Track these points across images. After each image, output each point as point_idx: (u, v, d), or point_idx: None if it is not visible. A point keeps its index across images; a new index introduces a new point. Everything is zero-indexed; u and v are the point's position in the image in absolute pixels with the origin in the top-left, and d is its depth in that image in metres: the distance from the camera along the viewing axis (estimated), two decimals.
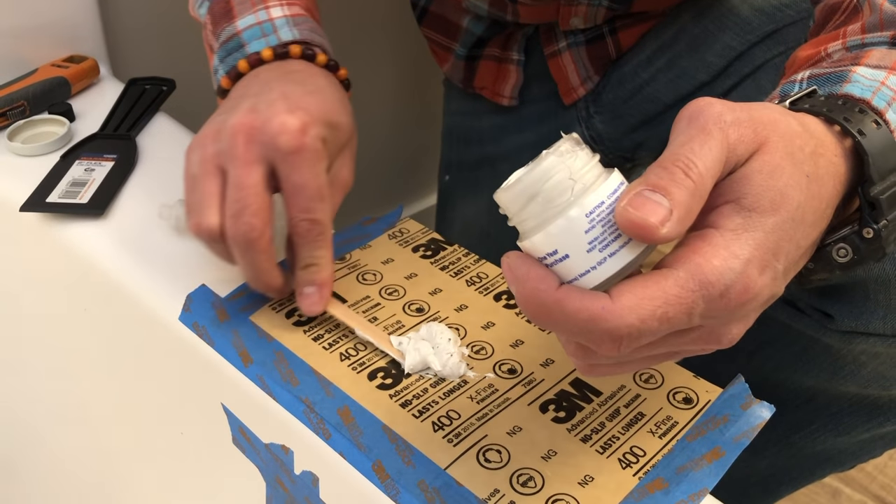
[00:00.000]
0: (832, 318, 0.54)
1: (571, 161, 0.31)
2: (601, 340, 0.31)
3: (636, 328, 0.30)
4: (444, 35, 0.85)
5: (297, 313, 0.49)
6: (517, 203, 0.32)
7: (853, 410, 0.63)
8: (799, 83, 0.41)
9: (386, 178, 1.24)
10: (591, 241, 0.31)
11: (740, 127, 0.33)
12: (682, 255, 0.32)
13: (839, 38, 0.44)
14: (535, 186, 0.31)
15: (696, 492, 0.39)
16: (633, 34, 0.77)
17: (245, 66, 0.53)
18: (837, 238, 0.38)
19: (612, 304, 0.30)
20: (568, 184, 0.31)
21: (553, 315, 0.31)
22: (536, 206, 0.31)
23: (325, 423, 0.43)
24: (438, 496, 0.39)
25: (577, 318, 0.30)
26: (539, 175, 0.31)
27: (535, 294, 0.31)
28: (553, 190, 0.31)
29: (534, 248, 0.32)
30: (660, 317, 0.30)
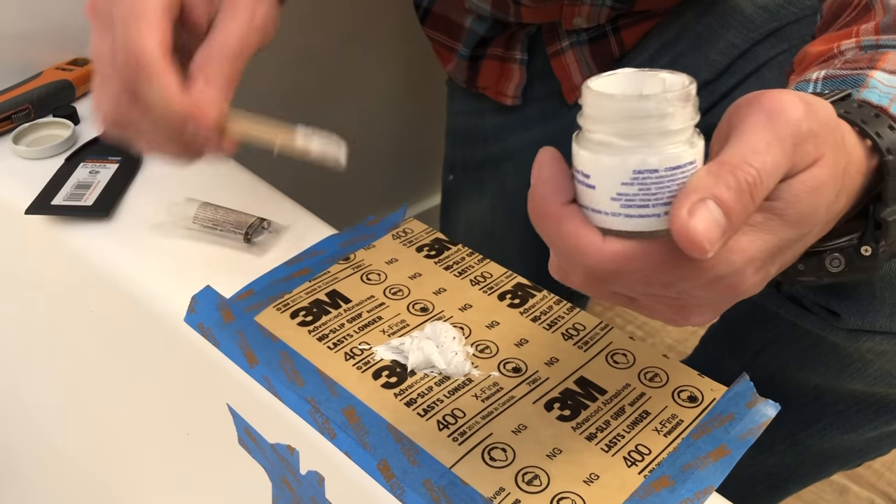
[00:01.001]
0: (838, 316, 0.54)
1: (674, 108, 0.30)
2: (575, 270, 0.32)
3: (612, 274, 0.31)
4: (447, 35, 0.85)
5: (301, 313, 0.49)
6: (603, 110, 0.31)
7: (860, 408, 0.63)
8: (813, 83, 0.41)
9: (389, 178, 1.24)
10: (622, 193, 0.31)
11: (808, 143, 0.32)
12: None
13: (852, 35, 0.44)
14: (630, 112, 0.30)
15: (702, 490, 0.39)
16: (636, 33, 0.77)
17: None
18: (834, 247, 0.38)
19: (602, 244, 0.31)
20: (648, 128, 0.30)
21: (548, 225, 0.32)
22: (609, 126, 0.30)
23: (330, 423, 0.43)
24: (444, 495, 0.39)
25: (565, 240, 0.31)
26: (642, 108, 0.30)
27: (542, 199, 0.31)
28: (633, 127, 0.30)
29: (576, 157, 0.32)
30: (639, 278, 0.31)
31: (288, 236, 0.56)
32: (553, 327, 0.49)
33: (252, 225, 0.55)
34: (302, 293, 0.51)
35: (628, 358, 0.47)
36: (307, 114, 1.09)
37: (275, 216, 0.57)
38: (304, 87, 1.04)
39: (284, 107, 1.04)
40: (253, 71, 1.05)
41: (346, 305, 0.50)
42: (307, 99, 1.06)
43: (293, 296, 0.51)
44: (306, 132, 0.44)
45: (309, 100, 1.06)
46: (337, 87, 1.07)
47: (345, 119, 1.11)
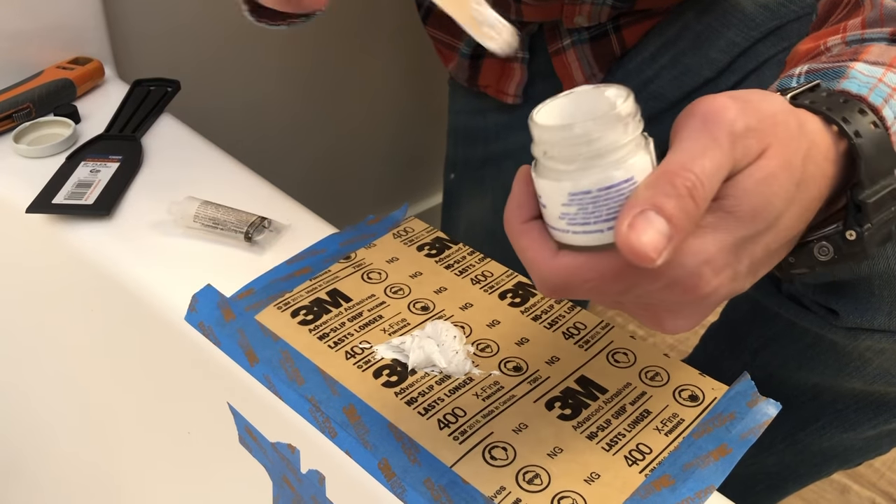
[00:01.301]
0: (837, 314, 0.54)
1: (601, 131, 0.31)
2: (535, 279, 0.34)
3: (563, 285, 0.33)
4: (449, 34, 0.85)
5: (302, 312, 0.49)
6: (540, 138, 0.33)
7: (859, 407, 0.63)
8: (797, 77, 0.41)
9: (391, 176, 1.24)
10: (565, 213, 0.32)
11: (747, 138, 0.33)
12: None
13: (839, 32, 0.44)
14: (560, 140, 0.32)
15: (703, 489, 0.39)
16: (636, 31, 0.77)
17: None
18: (820, 236, 0.38)
19: (552, 260, 0.33)
20: (578, 153, 0.31)
21: (512, 240, 0.35)
22: (548, 152, 0.32)
23: (330, 422, 0.43)
24: (444, 494, 0.39)
25: (523, 254, 0.34)
26: (569, 136, 0.31)
27: (508, 216, 0.35)
28: (565, 153, 0.32)
29: (535, 180, 0.34)
30: (589, 289, 0.33)
31: (288, 235, 0.56)
32: (554, 326, 0.49)
33: (253, 224, 0.55)
34: (302, 292, 0.51)
35: (629, 357, 0.47)
36: (308, 111, 1.10)
37: (275, 215, 0.57)
38: (305, 85, 1.04)
39: (285, 104, 1.04)
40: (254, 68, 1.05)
41: (347, 304, 0.50)
42: (308, 97, 1.06)
43: (294, 295, 0.51)
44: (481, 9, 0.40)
45: (310, 98, 1.06)
46: (338, 85, 1.07)
47: (346, 117, 1.11)
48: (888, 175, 0.37)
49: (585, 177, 0.31)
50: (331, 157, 1.12)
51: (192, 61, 0.88)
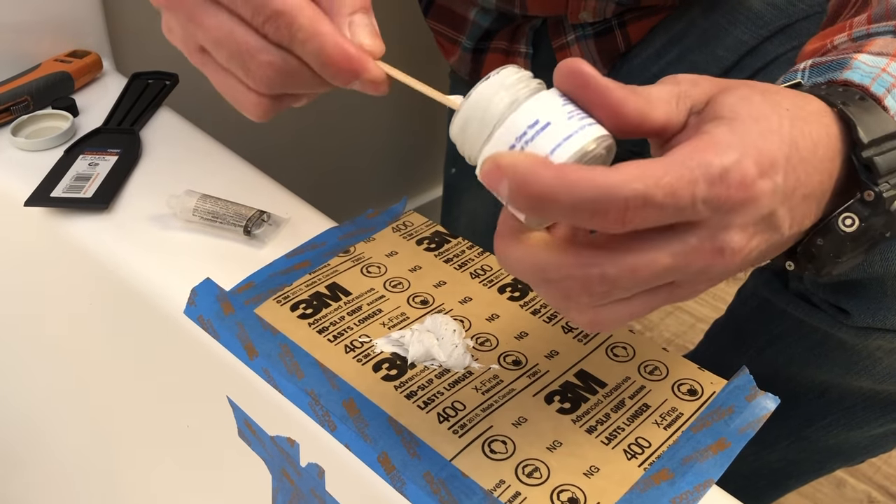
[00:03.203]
0: (848, 313, 0.53)
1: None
2: (607, 211, 0.29)
3: (642, 196, 0.29)
4: (451, 27, 0.85)
5: (302, 306, 0.49)
6: (473, 123, 0.34)
7: (867, 405, 0.63)
8: (801, 72, 0.41)
9: (390, 171, 1.24)
10: (570, 111, 0.32)
11: (698, 79, 0.33)
12: (677, 147, 0.31)
13: (845, 30, 0.44)
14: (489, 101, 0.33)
15: (702, 482, 0.39)
16: (642, 27, 0.77)
17: None
18: (842, 209, 0.37)
19: (617, 173, 0.29)
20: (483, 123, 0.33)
21: (555, 192, 0.29)
22: (494, 111, 0.33)
23: (330, 416, 0.43)
24: (444, 487, 0.39)
25: (581, 190, 0.29)
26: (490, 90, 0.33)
27: (533, 174, 0.29)
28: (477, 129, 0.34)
29: (507, 133, 0.32)
30: (664, 186, 0.29)
31: (288, 229, 0.56)
32: (553, 320, 0.49)
33: (252, 217, 0.55)
34: (302, 286, 0.51)
35: (628, 351, 0.47)
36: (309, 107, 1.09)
37: (274, 209, 0.57)
38: None
39: None
40: None
41: (346, 298, 0.50)
42: None
43: (293, 288, 0.51)
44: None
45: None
46: None
47: (346, 111, 1.11)
48: (893, 138, 0.36)
49: (499, 136, 0.33)
50: (330, 151, 1.12)
51: None
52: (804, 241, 0.37)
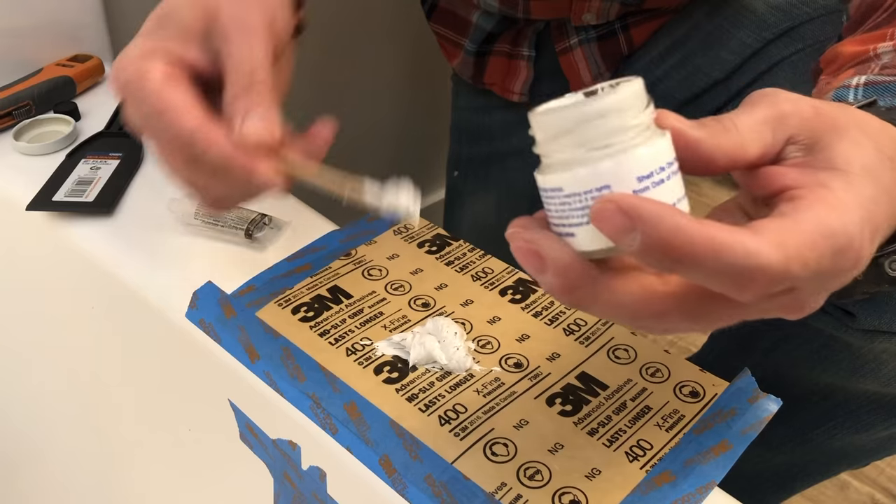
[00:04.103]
0: (853, 316, 0.53)
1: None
2: (750, 281, 0.27)
3: (784, 268, 0.26)
4: (454, 30, 0.85)
5: (303, 309, 0.49)
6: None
7: (872, 408, 0.63)
8: (854, 89, 0.40)
9: (392, 173, 1.24)
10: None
11: (798, 103, 0.31)
12: (801, 205, 0.28)
13: (887, 38, 0.42)
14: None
15: (704, 485, 0.39)
16: (645, 30, 0.77)
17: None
18: (892, 250, 0.36)
19: (762, 238, 0.26)
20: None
21: (700, 253, 0.26)
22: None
23: (331, 419, 0.43)
24: (446, 490, 0.39)
25: (730, 255, 0.26)
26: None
27: (678, 231, 0.26)
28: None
29: (636, 165, 0.28)
30: (800, 259, 0.27)
31: (289, 232, 0.56)
32: (554, 323, 0.49)
33: (253, 220, 0.55)
34: (303, 289, 0.51)
35: (630, 353, 0.47)
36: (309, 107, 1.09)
37: (276, 212, 0.57)
38: (306, 80, 1.04)
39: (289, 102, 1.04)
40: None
41: (348, 301, 0.50)
42: (309, 92, 1.05)
43: (294, 291, 0.51)
44: (373, 187, 0.41)
45: (311, 93, 1.06)
46: (340, 80, 1.07)
47: (348, 113, 1.11)
48: None
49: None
50: (332, 154, 1.12)
51: None
52: None
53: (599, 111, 0.27)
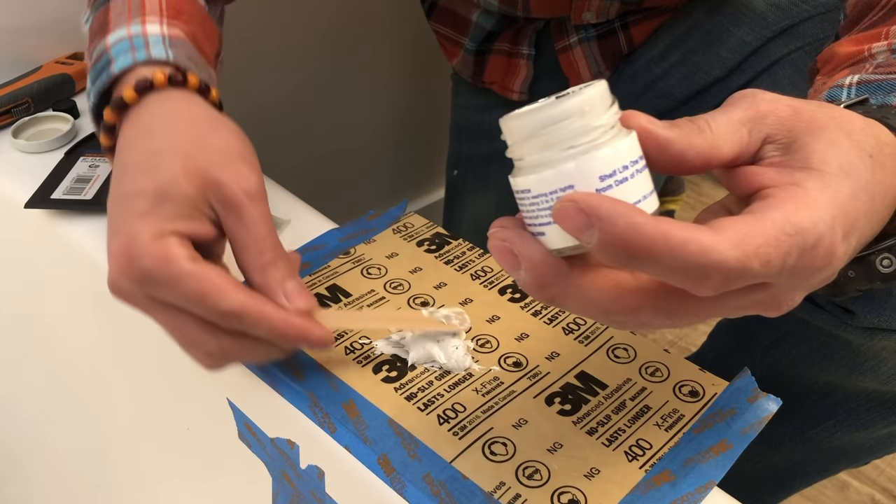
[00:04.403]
0: (853, 314, 0.53)
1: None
2: (706, 277, 0.28)
3: (742, 265, 0.27)
4: (454, 29, 0.85)
5: None
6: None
7: (872, 406, 0.63)
8: (847, 88, 0.40)
9: (391, 172, 1.24)
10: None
11: (776, 102, 0.31)
12: (771, 203, 0.29)
13: (881, 37, 0.43)
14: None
15: (703, 484, 0.39)
16: (645, 29, 0.77)
17: (111, 116, 0.45)
18: (882, 248, 0.36)
19: (718, 235, 0.27)
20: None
21: (655, 250, 0.27)
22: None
23: (330, 417, 0.43)
24: (444, 489, 0.39)
25: (684, 251, 0.27)
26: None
27: (632, 229, 0.27)
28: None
29: (600, 164, 0.29)
30: (761, 256, 0.28)
31: (288, 230, 0.56)
32: (554, 322, 0.49)
33: None
34: None
35: (629, 352, 0.47)
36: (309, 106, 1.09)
37: (275, 210, 0.57)
38: (306, 79, 1.04)
39: (285, 98, 1.04)
40: (255, 62, 1.05)
41: (347, 299, 0.50)
42: (309, 91, 1.05)
43: None
44: (430, 317, 0.45)
45: (311, 92, 1.06)
46: (339, 79, 1.07)
47: (347, 112, 1.11)
48: None
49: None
50: (331, 152, 1.12)
51: None
52: None
53: (562, 114, 0.29)
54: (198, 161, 0.41)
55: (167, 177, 0.40)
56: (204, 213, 0.41)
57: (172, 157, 0.41)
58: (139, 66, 0.46)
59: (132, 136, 0.43)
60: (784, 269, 0.29)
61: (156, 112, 0.44)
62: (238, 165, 0.42)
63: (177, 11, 0.49)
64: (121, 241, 0.39)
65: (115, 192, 0.41)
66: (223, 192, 0.41)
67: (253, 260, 0.41)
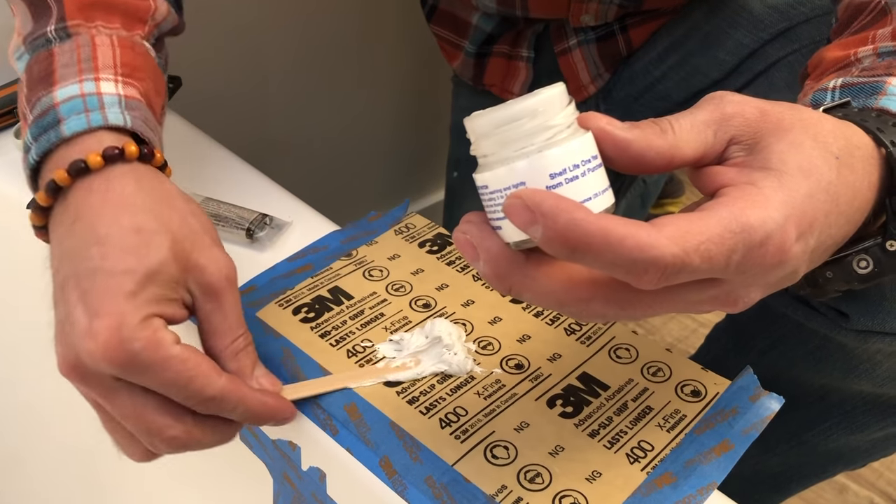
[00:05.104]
0: (847, 317, 0.53)
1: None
2: (643, 271, 0.28)
3: (679, 260, 0.28)
4: (454, 32, 0.85)
5: (304, 310, 0.49)
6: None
7: (867, 409, 0.63)
8: (831, 92, 0.40)
9: (392, 174, 1.24)
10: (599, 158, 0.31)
11: (744, 105, 0.32)
12: (722, 201, 0.30)
13: (868, 42, 0.43)
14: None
15: (705, 486, 0.39)
16: (644, 31, 0.77)
17: (64, 177, 0.42)
18: (859, 249, 0.37)
19: (658, 232, 0.28)
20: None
21: (594, 245, 0.28)
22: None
23: (332, 420, 0.43)
24: (446, 492, 0.39)
25: (621, 247, 0.28)
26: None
27: (573, 225, 0.28)
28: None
29: (551, 163, 0.30)
30: (702, 252, 0.28)
31: (290, 232, 0.56)
32: (555, 323, 0.49)
33: (254, 220, 0.55)
34: (304, 289, 0.51)
35: (631, 353, 0.47)
36: (310, 108, 1.09)
37: (277, 212, 0.57)
38: (307, 82, 1.04)
39: (287, 100, 1.04)
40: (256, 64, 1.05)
41: (349, 302, 0.50)
42: (311, 93, 1.05)
43: (295, 292, 0.51)
44: (386, 367, 0.46)
45: (313, 94, 1.06)
46: (342, 82, 1.07)
47: (348, 114, 1.11)
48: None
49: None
50: (333, 154, 1.12)
51: (194, 57, 0.88)
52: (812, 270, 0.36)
53: (516, 114, 0.30)
54: (184, 244, 0.40)
55: (158, 259, 0.39)
56: (181, 297, 0.41)
57: (162, 237, 0.40)
58: (94, 130, 0.43)
59: (99, 206, 0.41)
60: (730, 266, 0.29)
61: (128, 184, 0.42)
62: (214, 249, 0.42)
63: (131, 68, 0.47)
64: (108, 321, 0.37)
65: (94, 267, 0.38)
66: (205, 278, 0.41)
67: (227, 346, 0.41)
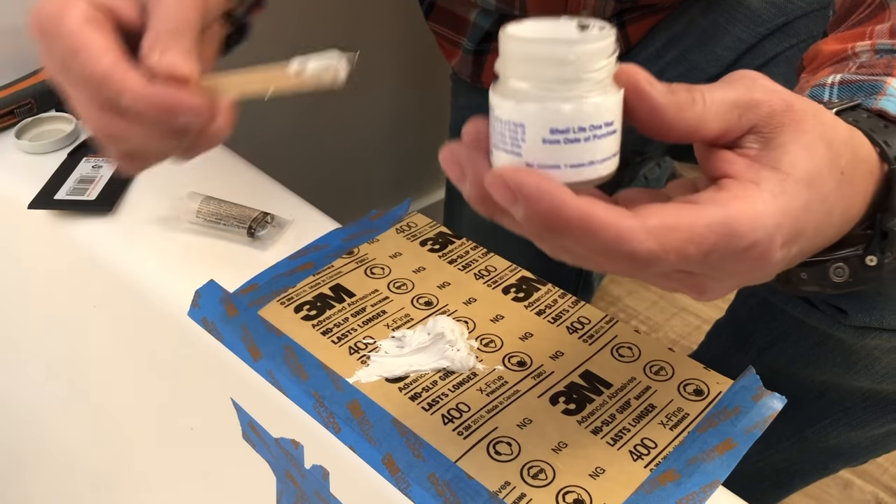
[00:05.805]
0: (846, 313, 0.53)
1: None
2: (617, 259, 0.29)
3: (654, 256, 0.28)
4: (452, 29, 0.85)
5: (305, 307, 0.49)
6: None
7: (867, 405, 0.63)
8: (829, 88, 0.40)
9: (393, 172, 1.24)
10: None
11: (773, 94, 0.31)
12: (718, 197, 0.30)
13: (866, 37, 0.43)
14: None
15: (708, 483, 0.39)
16: (641, 28, 0.77)
17: None
18: (838, 257, 0.37)
19: (640, 224, 0.28)
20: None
21: (573, 230, 0.28)
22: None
23: (334, 417, 0.43)
24: (449, 489, 0.39)
25: (600, 235, 0.28)
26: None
27: (554, 209, 0.27)
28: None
29: (550, 119, 0.28)
30: (678, 250, 0.28)
31: (291, 230, 0.56)
32: (558, 321, 0.49)
33: (255, 219, 0.55)
34: (306, 287, 0.51)
35: (634, 351, 0.47)
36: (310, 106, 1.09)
37: (278, 210, 0.57)
38: None
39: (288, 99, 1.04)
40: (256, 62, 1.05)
41: (350, 299, 0.50)
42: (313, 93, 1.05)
43: (297, 290, 0.51)
44: (300, 61, 0.40)
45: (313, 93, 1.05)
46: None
47: (349, 112, 1.11)
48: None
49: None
50: (333, 152, 1.12)
51: None
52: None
53: (545, 55, 0.28)
54: None
55: None
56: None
57: None
58: None
59: None
60: (705, 263, 0.29)
61: None
62: None
63: None
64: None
65: None
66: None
67: (148, 35, 0.38)
